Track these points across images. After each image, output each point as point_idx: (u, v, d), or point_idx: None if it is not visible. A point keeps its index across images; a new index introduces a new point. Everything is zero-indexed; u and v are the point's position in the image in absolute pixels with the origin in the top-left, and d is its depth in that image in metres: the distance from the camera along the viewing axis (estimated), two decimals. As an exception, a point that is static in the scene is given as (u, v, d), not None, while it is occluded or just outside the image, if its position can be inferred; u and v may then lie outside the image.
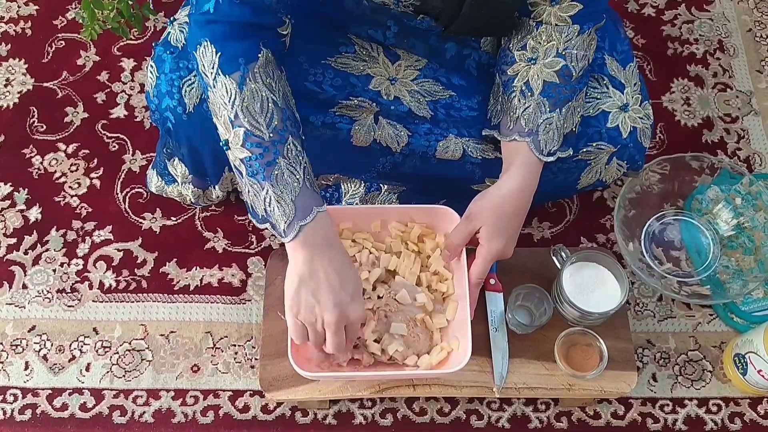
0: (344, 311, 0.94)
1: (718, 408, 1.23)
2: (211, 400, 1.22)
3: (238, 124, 0.92)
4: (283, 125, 0.93)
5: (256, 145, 0.92)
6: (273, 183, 0.92)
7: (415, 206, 1.13)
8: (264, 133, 0.92)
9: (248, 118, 0.91)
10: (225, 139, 0.94)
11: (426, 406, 1.21)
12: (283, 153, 0.92)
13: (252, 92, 0.91)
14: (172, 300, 1.29)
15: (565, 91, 1.04)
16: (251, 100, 0.91)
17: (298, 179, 0.93)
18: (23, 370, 1.24)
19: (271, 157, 0.92)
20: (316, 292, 0.93)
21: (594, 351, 1.12)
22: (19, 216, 1.36)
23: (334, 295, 0.93)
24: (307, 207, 0.92)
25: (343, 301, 0.93)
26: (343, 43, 1.11)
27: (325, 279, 0.93)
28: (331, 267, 0.93)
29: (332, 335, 0.95)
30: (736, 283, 1.26)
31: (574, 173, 1.17)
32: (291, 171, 0.92)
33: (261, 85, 0.92)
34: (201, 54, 0.93)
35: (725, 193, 1.32)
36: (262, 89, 0.92)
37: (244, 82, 0.91)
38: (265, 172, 0.92)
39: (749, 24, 1.60)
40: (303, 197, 0.92)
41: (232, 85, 0.91)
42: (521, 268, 1.19)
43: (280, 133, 0.92)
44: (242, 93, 0.91)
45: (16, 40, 1.55)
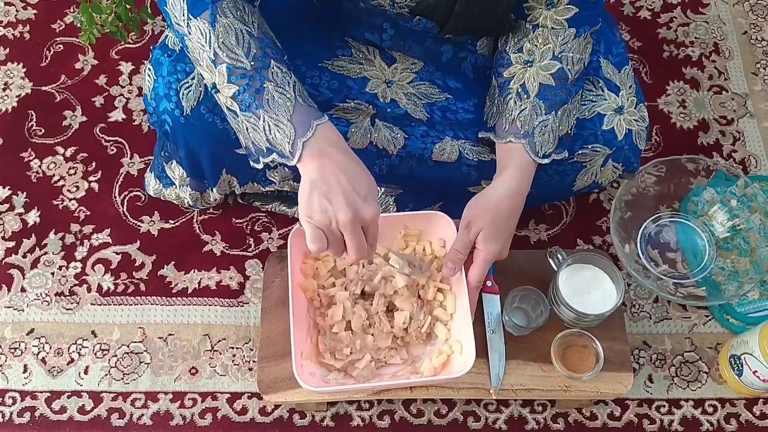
0: (358, 210, 0.91)
1: (714, 409, 1.23)
2: (210, 403, 1.22)
3: (219, 62, 0.92)
4: (262, 52, 0.93)
5: (240, 76, 0.92)
6: (266, 108, 0.92)
7: (408, 213, 1.14)
8: (245, 62, 0.92)
9: (226, 52, 0.91)
10: (212, 83, 0.94)
11: (423, 407, 1.22)
12: (269, 77, 0.92)
13: (225, 27, 0.92)
14: (170, 303, 1.30)
15: (560, 93, 1.05)
16: (225, 35, 0.92)
17: (289, 98, 0.92)
18: (22, 373, 1.24)
19: (257, 83, 0.92)
20: (327, 195, 0.90)
21: (590, 352, 1.12)
22: (18, 219, 1.37)
23: (345, 196, 0.90)
24: (305, 122, 0.92)
25: (356, 201, 0.91)
26: (340, 46, 1.12)
27: (336, 182, 0.91)
28: (340, 170, 0.91)
29: (350, 236, 0.91)
30: (732, 285, 1.26)
31: (569, 175, 1.17)
32: (281, 92, 0.92)
33: (232, 19, 0.92)
34: (171, 6, 0.93)
35: (721, 195, 1.32)
36: (233, 22, 0.92)
37: (215, 18, 0.91)
38: (256, 100, 0.92)
39: (744, 26, 1.61)
40: (299, 114, 0.92)
41: (204, 25, 0.92)
42: (518, 270, 1.20)
43: (260, 59, 0.92)
44: (215, 30, 0.91)
45: (15, 44, 1.55)
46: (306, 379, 1.00)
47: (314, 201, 0.90)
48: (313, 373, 1.05)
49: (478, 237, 1.04)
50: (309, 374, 1.03)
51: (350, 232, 0.91)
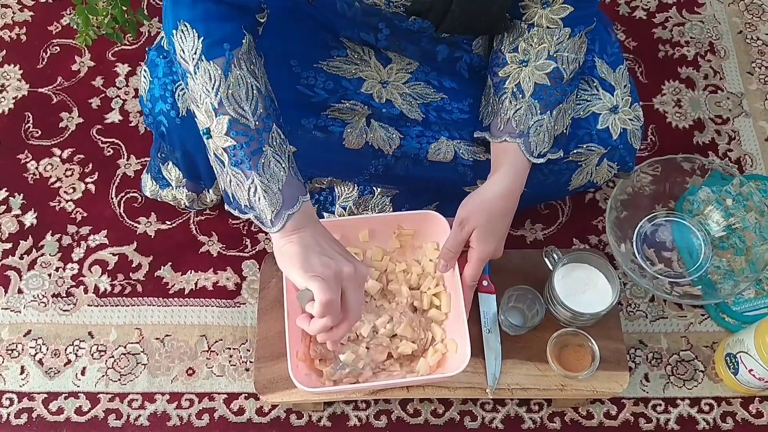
0: (358, 266, 0.91)
1: (710, 407, 1.23)
2: (206, 403, 1.23)
3: (222, 112, 0.89)
4: (267, 113, 0.91)
5: (241, 133, 0.90)
6: (260, 172, 0.90)
7: (402, 213, 1.14)
8: (250, 121, 0.90)
9: (233, 105, 0.89)
10: (206, 127, 0.92)
11: (420, 407, 1.22)
12: (269, 141, 0.91)
13: (237, 79, 0.89)
14: (167, 304, 1.30)
15: (556, 93, 1.05)
16: (236, 87, 0.89)
17: (284, 168, 0.91)
18: (19, 374, 1.24)
19: (256, 145, 0.90)
20: (325, 253, 0.90)
21: (586, 351, 1.12)
22: (15, 221, 1.37)
23: (342, 255, 0.91)
24: (293, 196, 0.91)
25: (352, 259, 0.92)
26: (335, 46, 1.12)
27: (328, 245, 0.91)
28: (325, 239, 0.92)
29: (355, 290, 0.90)
30: (728, 284, 1.26)
31: (565, 175, 1.18)
32: (277, 160, 0.91)
33: (245, 72, 0.90)
34: (180, 38, 0.89)
35: (716, 194, 1.33)
36: (246, 76, 0.90)
37: (229, 68, 0.89)
38: (251, 161, 0.90)
39: (740, 26, 1.61)
40: (289, 186, 0.91)
41: (216, 72, 0.88)
42: (513, 270, 1.20)
43: (264, 121, 0.91)
44: (227, 80, 0.89)
45: (11, 46, 1.56)
46: (302, 380, 1.01)
47: (314, 260, 0.89)
48: (309, 374, 1.05)
49: (473, 236, 1.05)
50: (304, 375, 1.04)
51: (355, 287, 0.90)
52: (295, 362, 1.02)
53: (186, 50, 0.90)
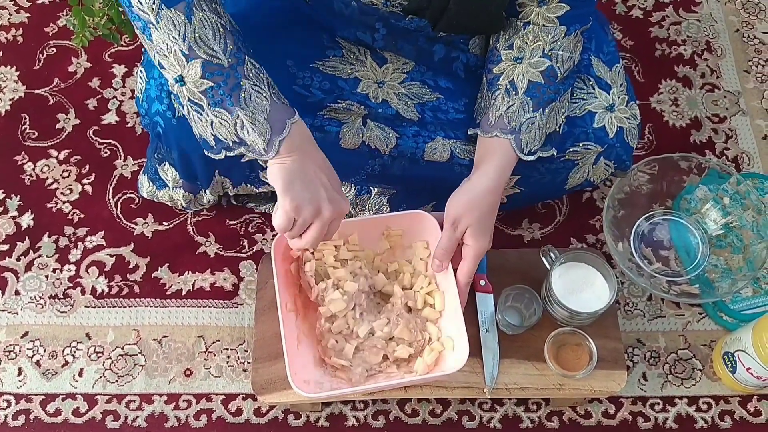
0: (337, 206, 0.95)
1: (708, 406, 1.23)
2: (204, 404, 1.22)
3: (193, 56, 0.89)
4: (236, 48, 0.91)
5: (216, 73, 0.90)
6: (242, 106, 0.91)
7: (390, 214, 1.14)
8: (222, 60, 0.90)
9: (203, 48, 0.89)
10: (178, 75, 0.91)
11: (418, 407, 1.22)
12: (245, 74, 0.91)
13: (201, 21, 0.89)
14: (164, 305, 1.30)
15: (549, 91, 1.05)
16: (202, 30, 0.89)
17: (265, 96, 0.92)
18: (16, 375, 1.24)
19: (234, 81, 0.91)
20: (309, 186, 0.93)
21: (584, 351, 1.12)
22: (12, 222, 1.37)
23: (326, 191, 0.94)
24: (281, 121, 0.93)
25: (335, 196, 0.95)
26: (331, 46, 1.12)
27: (316, 176, 0.94)
28: (317, 165, 0.94)
29: (319, 227, 0.95)
30: (725, 282, 1.26)
31: (561, 173, 1.18)
32: (257, 90, 0.92)
33: (208, 12, 0.90)
34: None
35: (713, 192, 1.33)
36: (210, 16, 0.90)
37: (191, 11, 0.88)
38: (232, 97, 0.91)
39: (736, 24, 1.61)
40: (274, 112, 0.92)
41: (179, 17, 0.88)
42: (511, 269, 1.20)
43: (236, 55, 0.91)
44: (192, 23, 0.88)
45: (8, 48, 1.55)
46: (301, 386, 1.00)
47: (296, 189, 0.93)
48: (308, 380, 1.05)
49: (467, 234, 1.05)
50: (303, 382, 1.03)
51: (320, 225, 0.95)
52: (294, 369, 1.01)
53: (143, 1, 0.88)
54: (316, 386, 1.05)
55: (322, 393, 1.04)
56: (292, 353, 1.03)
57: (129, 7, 0.91)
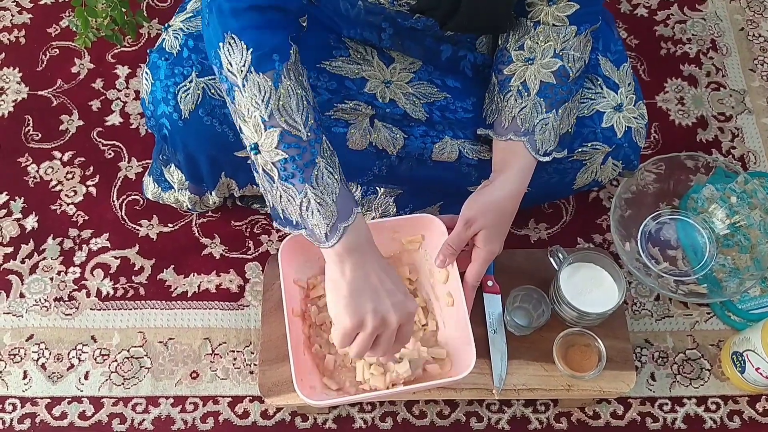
0: (404, 311, 0.91)
1: (716, 406, 1.23)
2: (211, 407, 1.22)
3: (272, 125, 0.87)
4: (317, 124, 0.89)
5: (293, 145, 0.87)
6: (313, 185, 0.87)
7: (397, 218, 1.12)
8: (302, 133, 0.87)
9: (284, 117, 0.87)
10: (254, 142, 0.89)
11: (425, 409, 1.21)
12: (321, 153, 0.88)
13: (287, 90, 0.87)
14: (170, 307, 1.29)
15: (561, 91, 1.05)
16: (287, 99, 0.87)
17: (336, 179, 0.89)
18: (22, 379, 1.24)
19: (309, 157, 0.87)
20: (374, 297, 0.89)
21: (592, 351, 1.12)
22: (16, 225, 1.36)
23: (392, 297, 0.90)
24: (347, 207, 0.89)
25: (402, 301, 0.91)
26: (337, 46, 1.12)
27: (380, 282, 0.89)
28: (381, 269, 0.90)
29: (389, 338, 0.91)
30: (733, 282, 1.26)
31: (569, 174, 1.17)
32: (330, 171, 0.88)
33: (295, 83, 0.88)
34: (227, 51, 0.87)
35: (720, 191, 1.32)
36: (296, 87, 0.88)
37: (280, 79, 0.87)
38: (304, 173, 0.87)
39: (741, 23, 1.61)
40: (343, 198, 0.89)
41: (266, 83, 0.87)
42: (518, 270, 1.20)
43: (316, 132, 0.88)
44: (278, 91, 0.87)
45: (10, 49, 1.55)
46: (307, 392, 1.00)
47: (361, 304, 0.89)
48: (314, 386, 1.04)
49: (479, 237, 1.04)
50: (310, 388, 1.03)
51: (389, 336, 0.91)
52: (300, 375, 1.01)
53: (234, 63, 0.87)
54: (322, 392, 1.04)
55: (329, 400, 1.03)
56: (298, 359, 1.02)
57: (219, 68, 0.90)
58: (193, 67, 1.05)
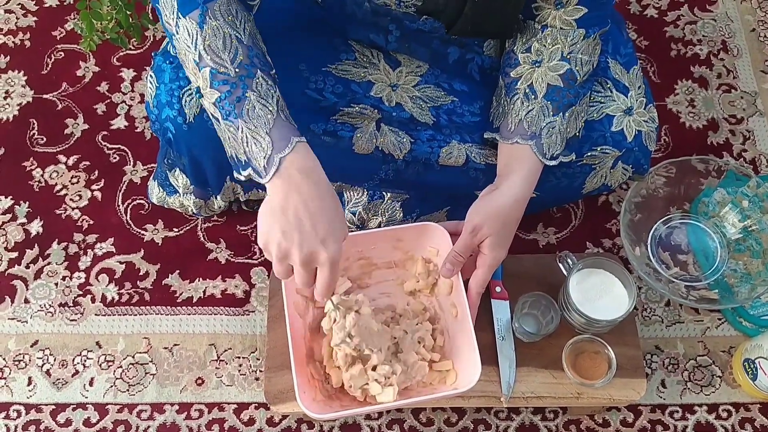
0: (312, 254, 0.88)
1: (728, 414, 1.21)
2: (216, 414, 1.21)
3: (203, 65, 0.89)
4: (249, 61, 0.90)
5: (222, 82, 0.89)
6: (245, 119, 0.88)
7: (400, 227, 1.10)
8: (229, 69, 0.89)
9: (211, 56, 0.89)
10: (196, 86, 0.92)
11: (433, 416, 1.20)
12: (252, 86, 0.89)
13: (213, 30, 0.89)
14: (175, 312, 1.28)
15: (569, 95, 1.03)
16: (213, 38, 0.89)
17: (270, 110, 0.89)
18: (26, 385, 1.23)
19: (239, 92, 0.88)
20: (284, 229, 0.88)
21: (602, 358, 1.10)
22: (20, 229, 1.36)
23: (301, 236, 0.87)
24: (284, 137, 0.88)
25: (311, 242, 0.88)
26: (344, 50, 1.11)
27: (295, 217, 0.88)
28: (303, 205, 0.88)
29: (297, 273, 0.91)
30: (745, 287, 1.24)
31: (578, 178, 1.16)
32: (262, 104, 0.89)
33: (222, 22, 0.89)
34: (162, 4, 0.91)
35: (732, 195, 1.30)
36: (223, 26, 0.89)
37: (204, 20, 0.89)
38: (236, 108, 0.88)
39: (752, 24, 1.59)
40: (278, 128, 0.88)
41: (192, 25, 0.89)
42: (527, 276, 1.18)
43: (246, 67, 0.89)
44: (203, 32, 0.89)
45: (15, 52, 1.54)
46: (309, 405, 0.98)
47: (271, 232, 0.89)
48: (317, 398, 1.03)
49: (485, 243, 1.02)
50: (312, 400, 1.01)
51: (297, 271, 0.90)
52: (302, 386, 0.99)
53: (167, 12, 0.91)
54: (325, 403, 1.03)
55: (332, 413, 1.02)
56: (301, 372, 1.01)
57: (161, 21, 0.93)
58: (198, 70, 1.04)
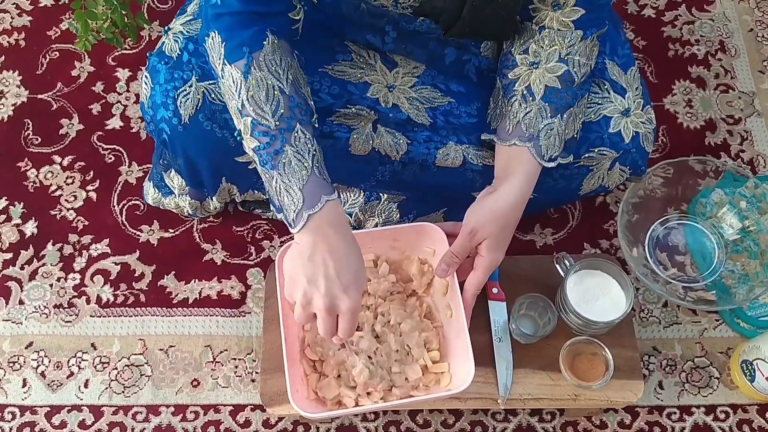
0: (334, 300, 0.91)
1: (725, 415, 1.21)
2: (212, 415, 1.20)
3: (245, 114, 0.92)
4: (290, 113, 0.92)
5: (263, 134, 0.91)
6: (281, 172, 0.91)
7: (397, 227, 1.10)
8: (270, 122, 0.91)
9: (253, 106, 0.91)
10: (238, 129, 0.95)
11: (430, 418, 1.20)
12: (290, 141, 0.91)
13: (257, 80, 0.91)
14: (170, 314, 1.28)
15: (566, 96, 1.03)
16: (256, 89, 0.91)
17: (306, 167, 0.91)
18: (21, 387, 1.22)
19: (278, 145, 0.91)
20: (310, 277, 0.91)
21: (599, 360, 1.10)
22: (15, 230, 1.35)
23: (327, 283, 0.90)
24: (315, 195, 0.91)
25: (335, 290, 0.91)
26: (340, 51, 1.10)
27: (322, 265, 0.90)
28: (330, 254, 0.91)
29: (321, 320, 0.93)
30: (742, 288, 1.24)
31: (576, 179, 1.15)
32: (298, 159, 0.91)
33: (266, 73, 0.91)
34: (209, 46, 0.94)
35: (729, 196, 1.30)
36: (267, 77, 0.91)
37: (249, 70, 0.91)
38: (273, 160, 0.91)
39: (750, 24, 1.58)
40: (311, 185, 0.91)
41: (237, 74, 0.91)
42: (524, 277, 1.18)
43: (286, 120, 0.91)
44: (247, 82, 0.91)
45: (10, 52, 1.53)
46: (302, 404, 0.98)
47: (297, 280, 0.92)
48: (311, 397, 1.03)
49: (483, 245, 1.02)
50: (306, 399, 1.01)
51: (322, 318, 0.92)
52: (295, 388, 0.99)
53: (214, 56, 0.94)
54: (319, 403, 1.02)
55: (326, 413, 1.02)
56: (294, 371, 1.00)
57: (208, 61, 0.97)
58: (193, 71, 1.04)
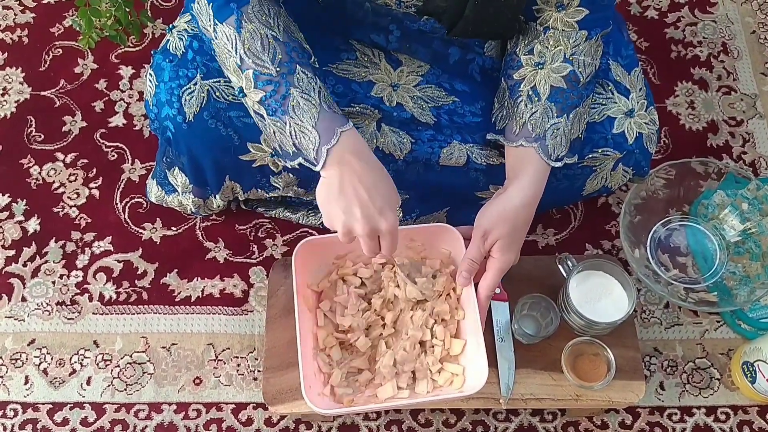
0: (372, 224, 0.93)
1: (726, 416, 1.21)
2: (214, 414, 1.20)
3: (245, 68, 0.93)
4: (288, 57, 0.94)
5: (266, 82, 0.93)
6: (292, 114, 0.93)
7: (414, 226, 1.09)
8: (270, 69, 0.93)
9: (252, 58, 0.93)
10: (239, 87, 0.96)
11: (431, 417, 1.20)
12: (294, 83, 0.93)
13: (250, 32, 0.93)
14: (173, 312, 1.28)
15: (572, 96, 1.03)
16: (251, 41, 0.93)
17: (314, 104, 0.93)
18: (23, 384, 1.22)
19: (283, 90, 0.93)
20: (346, 208, 0.93)
21: (601, 361, 1.10)
22: (18, 227, 1.35)
23: (362, 210, 0.93)
24: (329, 129, 0.93)
25: (371, 214, 0.93)
26: (345, 49, 1.10)
27: (354, 194, 0.93)
28: (359, 182, 0.93)
29: (365, 243, 0.96)
30: (744, 290, 1.24)
31: (579, 180, 1.15)
32: (306, 98, 0.93)
33: (258, 24, 0.93)
34: (197, 11, 0.95)
35: (731, 197, 1.30)
36: (259, 28, 0.93)
37: (241, 24, 0.93)
38: (282, 105, 0.93)
39: (753, 26, 1.58)
40: (323, 121, 0.93)
41: (230, 31, 0.93)
42: (526, 277, 1.18)
43: (286, 65, 0.93)
44: (241, 36, 0.93)
45: (13, 49, 1.53)
46: (315, 400, 0.98)
47: (333, 213, 0.95)
48: (322, 393, 1.03)
49: (495, 246, 1.02)
50: (317, 395, 1.01)
51: (365, 242, 0.95)
52: (308, 384, 0.99)
53: (204, 19, 0.95)
54: (330, 399, 1.03)
55: (337, 409, 1.02)
56: (307, 365, 1.01)
57: (199, 28, 0.98)
58: (198, 69, 1.04)
